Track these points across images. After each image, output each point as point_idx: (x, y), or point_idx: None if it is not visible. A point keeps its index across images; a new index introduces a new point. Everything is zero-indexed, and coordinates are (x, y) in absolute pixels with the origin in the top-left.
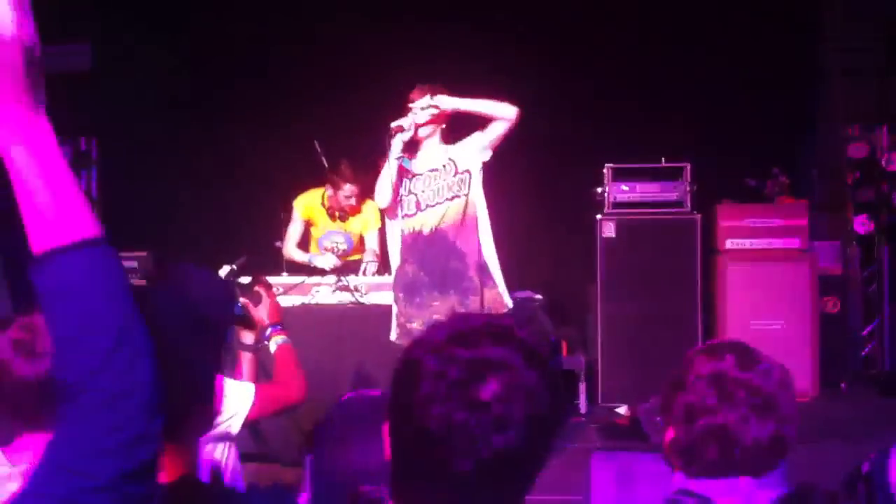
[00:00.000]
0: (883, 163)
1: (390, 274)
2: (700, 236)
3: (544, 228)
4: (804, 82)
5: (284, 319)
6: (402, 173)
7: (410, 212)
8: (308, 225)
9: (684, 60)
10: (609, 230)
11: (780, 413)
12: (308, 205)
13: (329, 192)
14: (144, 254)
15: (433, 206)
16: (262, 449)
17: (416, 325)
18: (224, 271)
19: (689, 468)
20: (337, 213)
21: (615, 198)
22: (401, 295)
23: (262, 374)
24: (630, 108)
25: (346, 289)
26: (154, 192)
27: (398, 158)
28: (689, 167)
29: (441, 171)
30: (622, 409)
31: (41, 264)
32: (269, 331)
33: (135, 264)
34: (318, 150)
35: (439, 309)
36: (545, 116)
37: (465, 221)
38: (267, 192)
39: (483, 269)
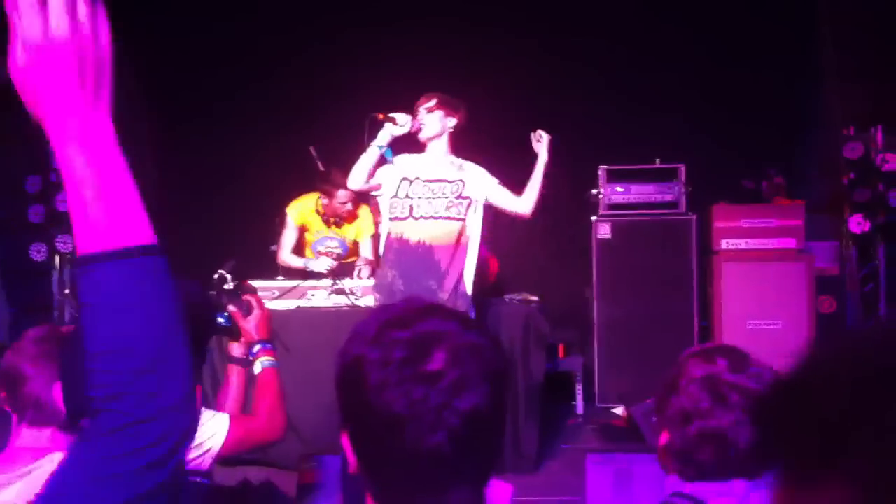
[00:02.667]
0: (878, 163)
1: None
2: (696, 237)
3: (539, 230)
4: (800, 83)
5: (274, 332)
6: (381, 163)
7: (402, 215)
8: (302, 231)
9: (679, 61)
10: (604, 232)
11: None
12: (301, 211)
13: (324, 200)
14: None
15: (427, 218)
16: (257, 453)
17: None
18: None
19: (685, 472)
20: (332, 220)
21: (610, 199)
22: (377, 295)
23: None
24: (625, 109)
25: (341, 292)
26: (147, 196)
27: (380, 147)
28: (683, 168)
29: (447, 186)
30: (619, 410)
31: (83, 268)
32: (257, 348)
33: None
34: (314, 155)
35: None
36: (539, 118)
37: (458, 246)
38: (262, 196)
39: (462, 296)
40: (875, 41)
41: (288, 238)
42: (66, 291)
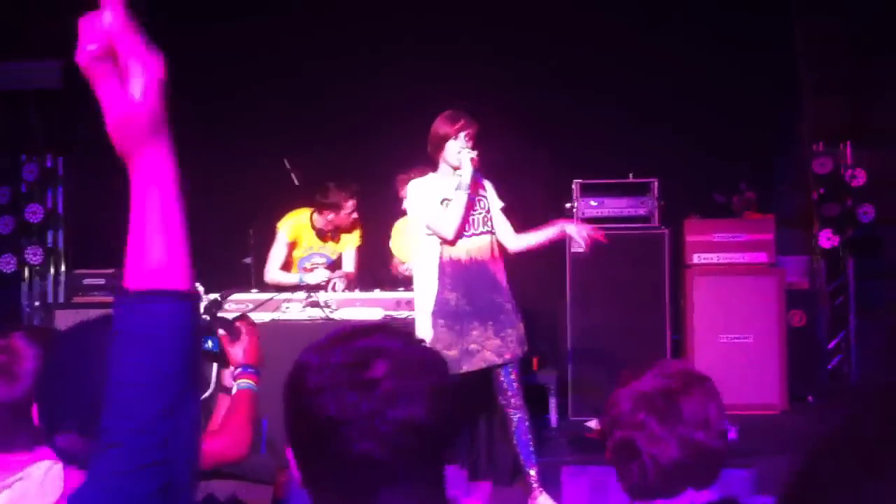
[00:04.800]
0: (847, 178)
1: (362, 290)
2: (668, 251)
3: None
4: (771, 99)
5: (263, 360)
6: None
7: None
8: (291, 247)
9: (652, 76)
10: (578, 245)
11: (686, 421)
12: (296, 226)
13: (329, 215)
14: (111, 271)
15: (469, 236)
16: (231, 467)
17: (453, 353)
18: (207, 300)
19: (625, 487)
20: (329, 234)
21: (584, 213)
22: (441, 321)
23: None
24: (599, 123)
25: (315, 304)
26: (121, 209)
27: (468, 191)
28: (657, 183)
29: (479, 201)
30: (593, 423)
31: (132, 301)
32: (237, 370)
33: (102, 282)
34: (288, 167)
35: (478, 338)
36: (514, 132)
37: (499, 257)
38: (234, 209)
39: (513, 301)
40: (846, 58)
41: (278, 254)
42: (37, 304)
